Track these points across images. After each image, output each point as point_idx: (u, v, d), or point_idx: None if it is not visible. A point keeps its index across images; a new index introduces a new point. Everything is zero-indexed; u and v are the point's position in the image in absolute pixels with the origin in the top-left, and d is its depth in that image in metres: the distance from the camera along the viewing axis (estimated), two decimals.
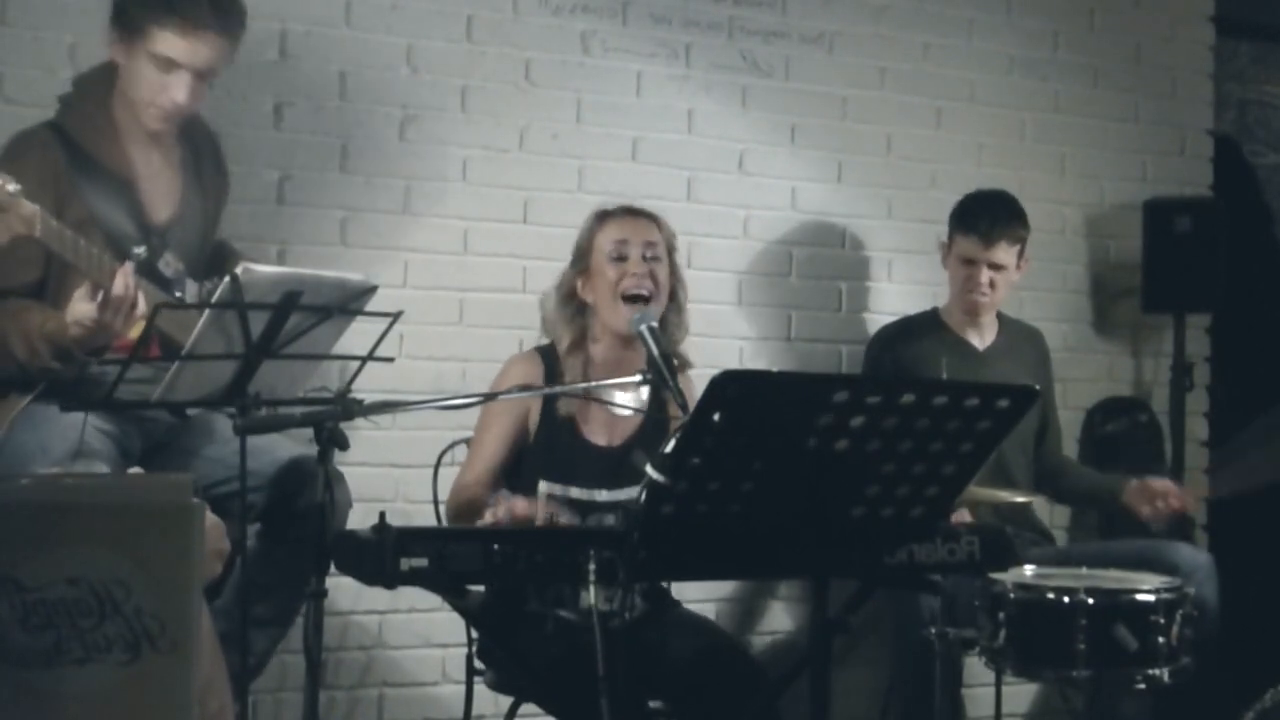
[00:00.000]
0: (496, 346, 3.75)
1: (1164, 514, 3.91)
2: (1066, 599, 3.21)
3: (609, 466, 3.23)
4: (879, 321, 4.39)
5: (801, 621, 4.33)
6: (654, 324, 3.06)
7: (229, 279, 2.68)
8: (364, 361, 2.92)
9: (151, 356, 2.87)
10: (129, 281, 2.83)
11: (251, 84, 3.79)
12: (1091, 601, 3.20)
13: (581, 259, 3.33)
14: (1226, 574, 3.77)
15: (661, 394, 3.28)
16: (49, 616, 1.74)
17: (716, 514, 2.48)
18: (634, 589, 2.66)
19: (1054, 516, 4.54)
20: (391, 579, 2.45)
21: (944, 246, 4.15)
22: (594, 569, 2.48)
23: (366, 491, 3.50)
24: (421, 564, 2.44)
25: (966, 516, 3.51)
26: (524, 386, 3.21)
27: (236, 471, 2.72)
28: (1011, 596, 3.26)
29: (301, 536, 2.95)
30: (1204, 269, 4.60)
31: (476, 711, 3.41)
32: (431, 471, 3.43)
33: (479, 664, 3.31)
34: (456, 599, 2.81)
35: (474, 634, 3.28)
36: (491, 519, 2.91)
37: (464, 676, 3.33)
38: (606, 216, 3.35)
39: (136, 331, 2.88)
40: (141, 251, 3.03)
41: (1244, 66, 5.40)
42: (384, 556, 2.43)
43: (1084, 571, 3.48)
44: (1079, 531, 4.69)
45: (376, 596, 3.61)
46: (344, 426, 2.64)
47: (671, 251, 3.37)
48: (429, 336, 3.91)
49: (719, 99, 4.32)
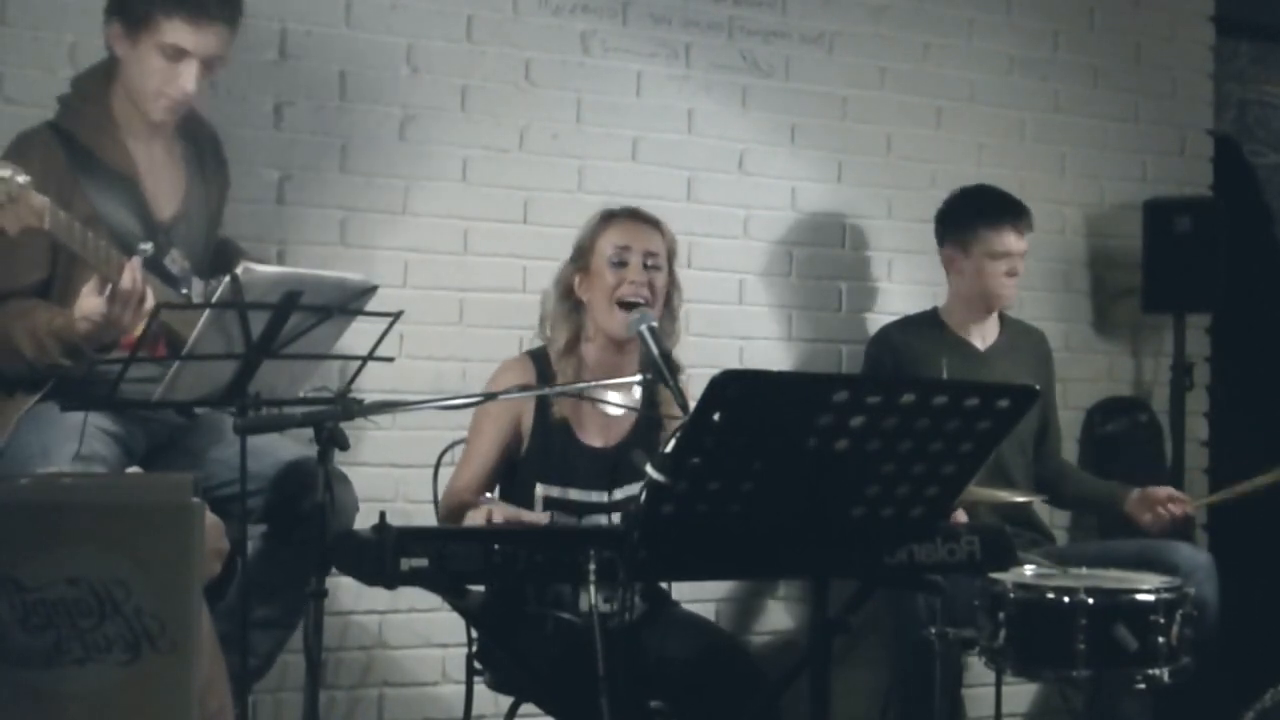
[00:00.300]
0: (496, 346, 3.75)
1: (1166, 521, 3.92)
2: (1066, 599, 3.21)
3: (604, 468, 3.23)
4: (879, 321, 4.39)
5: (801, 621, 4.33)
6: (654, 324, 3.07)
7: (229, 279, 2.69)
8: (364, 361, 2.92)
9: (159, 355, 2.88)
10: (137, 276, 2.83)
11: (251, 84, 3.79)
12: (1091, 601, 3.20)
13: (581, 257, 3.32)
14: (1226, 574, 3.77)
15: (655, 394, 3.29)
16: (49, 616, 1.74)
17: (716, 514, 2.48)
18: (634, 589, 2.66)
19: (1054, 516, 4.54)
20: (391, 579, 2.45)
21: (953, 248, 4.11)
22: (594, 569, 2.48)
23: (366, 491, 3.49)
24: (421, 564, 2.44)
25: (962, 516, 3.51)
26: (524, 386, 3.21)
27: (238, 472, 2.72)
28: (1011, 596, 3.25)
29: (306, 538, 2.94)
30: (1204, 269, 4.60)
31: (476, 711, 3.41)
32: (431, 471, 3.43)
33: (479, 664, 3.31)
34: (456, 599, 2.81)
35: (474, 634, 3.28)
36: (483, 519, 2.90)
37: (464, 676, 3.33)
38: (611, 219, 3.34)
39: (141, 330, 2.88)
40: (148, 248, 3.03)
41: (1244, 66, 5.39)
42: (384, 556, 2.43)
43: (1084, 571, 3.48)
44: (1079, 531, 4.69)
45: (376, 596, 3.61)
46: (344, 426, 2.64)
47: (671, 258, 3.37)
48: (429, 336, 3.91)
49: (719, 99, 4.32)
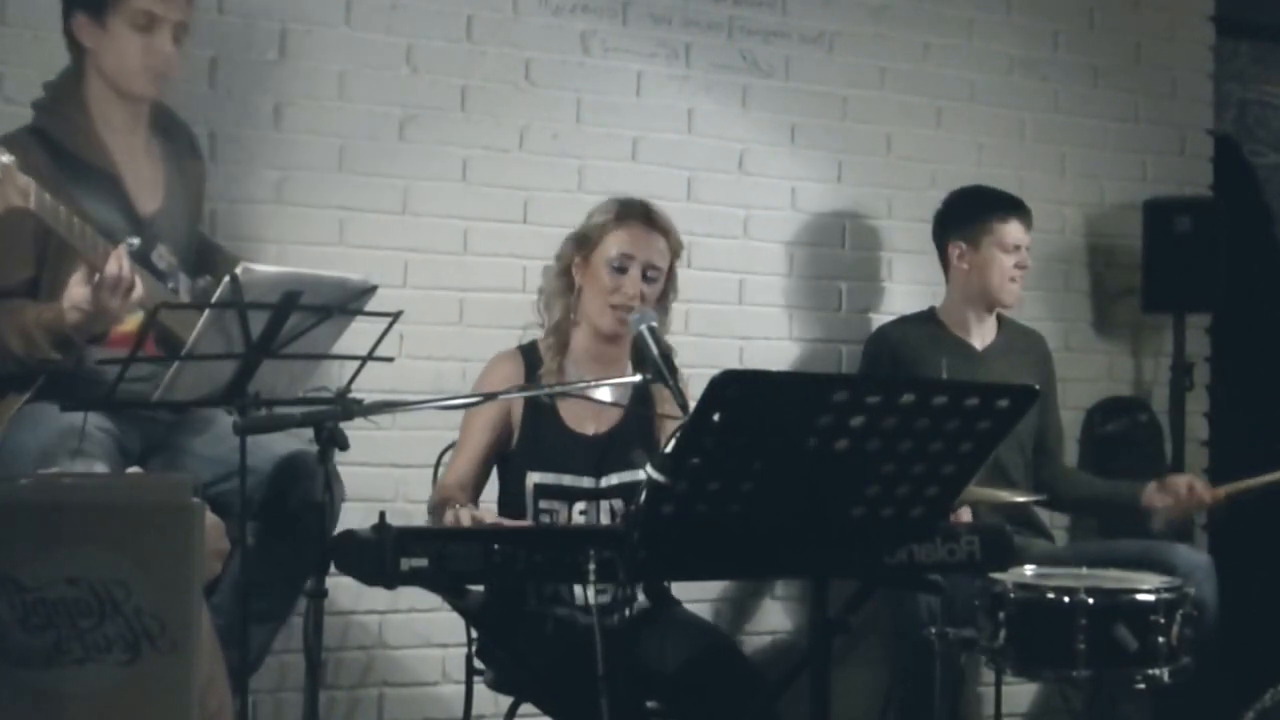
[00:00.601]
0: (496, 346, 3.73)
1: (1187, 505, 3.90)
2: (1066, 599, 3.21)
3: (595, 454, 3.24)
4: (879, 321, 4.39)
5: (801, 621, 4.33)
6: (654, 324, 3.06)
7: (229, 279, 2.69)
8: (364, 361, 2.92)
9: (149, 353, 2.88)
10: (124, 262, 2.83)
11: (251, 84, 3.79)
12: (1091, 601, 3.20)
13: (585, 245, 3.32)
14: (1226, 574, 3.77)
15: (648, 391, 3.29)
16: (49, 616, 1.74)
17: (716, 514, 2.48)
18: (634, 587, 2.66)
19: (1054, 517, 4.53)
20: (391, 579, 2.45)
21: (960, 246, 4.11)
22: (594, 569, 2.48)
23: (366, 491, 3.50)
24: (421, 564, 2.44)
25: (966, 516, 3.52)
26: (523, 386, 3.22)
27: (232, 469, 2.72)
28: (1011, 596, 3.26)
29: (297, 531, 2.95)
30: (1204, 269, 4.60)
31: (476, 711, 3.41)
32: (431, 471, 3.44)
33: (479, 664, 3.31)
34: (456, 599, 2.81)
35: (474, 634, 3.28)
36: (451, 521, 2.90)
37: (464, 676, 3.33)
38: (624, 219, 3.31)
39: (133, 324, 2.87)
40: (136, 243, 3.03)
41: (1244, 66, 5.39)
42: (384, 556, 2.43)
43: (1084, 571, 3.48)
44: (1079, 531, 4.69)
45: (376, 596, 3.61)
46: (344, 426, 2.64)
47: (673, 263, 3.36)
48: (429, 336, 3.91)
49: (719, 99, 4.32)
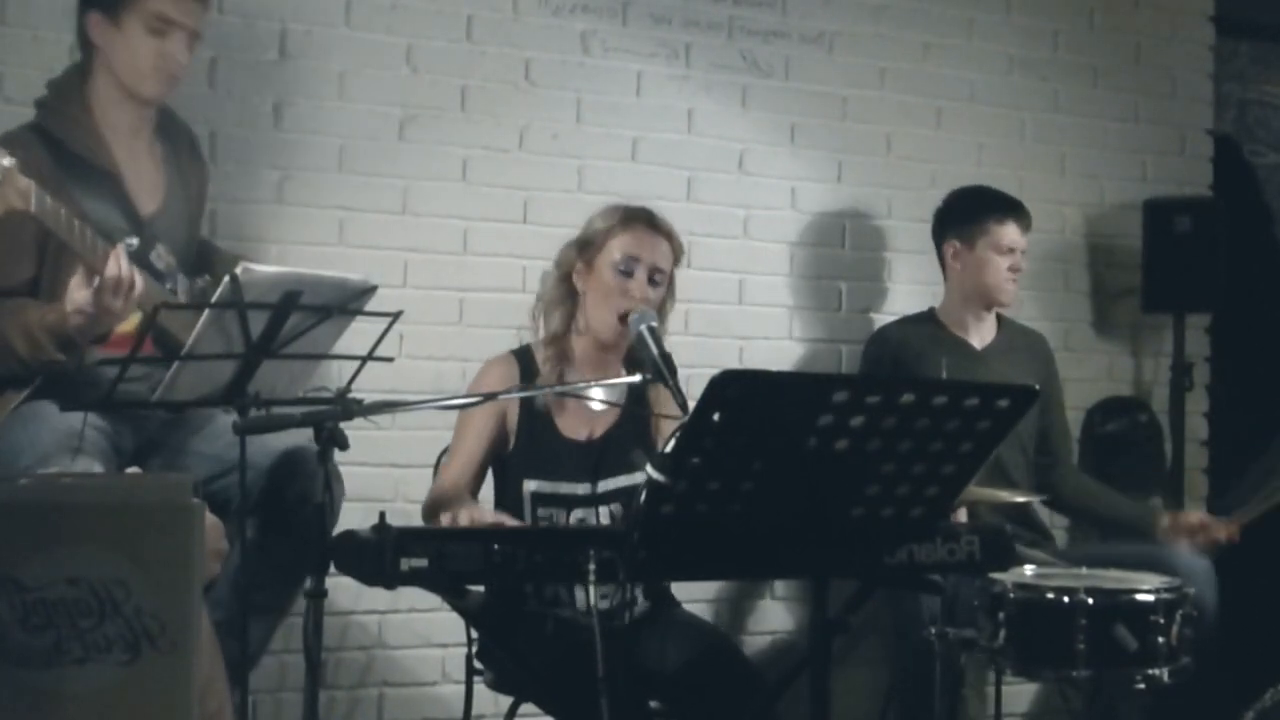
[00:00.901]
0: (496, 346, 3.73)
1: (1205, 545, 3.92)
2: (1066, 599, 3.21)
3: (590, 460, 3.23)
4: (879, 321, 4.39)
5: (801, 621, 4.32)
6: (654, 324, 3.06)
7: (229, 279, 2.69)
8: (364, 361, 2.92)
9: (147, 352, 2.88)
10: (123, 262, 2.83)
11: (251, 84, 3.79)
12: (1091, 601, 3.20)
13: (587, 250, 3.30)
14: (1226, 575, 3.77)
15: (645, 392, 3.28)
16: (49, 616, 1.74)
17: (716, 514, 2.48)
18: (634, 593, 2.66)
19: (1054, 516, 4.53)
20: (391, 579, 2.45)
21: (956, 246, 4.12)
22: (594, 569, 2.48)
23: (366, 491, 3.50)
24: (421, 564, 2.44)
25: (962, 516, 3.51)
26: (522, 387, 3.21)
27: (228, 466, 2.73)
28: (1011, 596, 3.25)
29: (293, 526, 2.95)
30: (1204, 269, 4.60)
31: (476, 711, 3.41)
32: (431, 471, 3.43)
33: (479, 664, 3.31)
34: (456, 599, 2.81)
35: (474, 634, 3.28)
36: (449, 521, 2.90)
37: (464, 676, 3.33)
38: (629, 223, 3.29)
39: (131, 325, 2.88)
40: (134, 243, 3.03)
41: (1244, 66, 5.39)
42: (384, 556, 2.43)
43: (1084, 571, 3.48)
44: (1079, 532, 4.69)
45: (376, 596, 3.61)
46: (344, 426, 2.64)
47: (674, 267, 3.35)
48: (429, 336, 3.91)
49: (719, 99, 4.32)
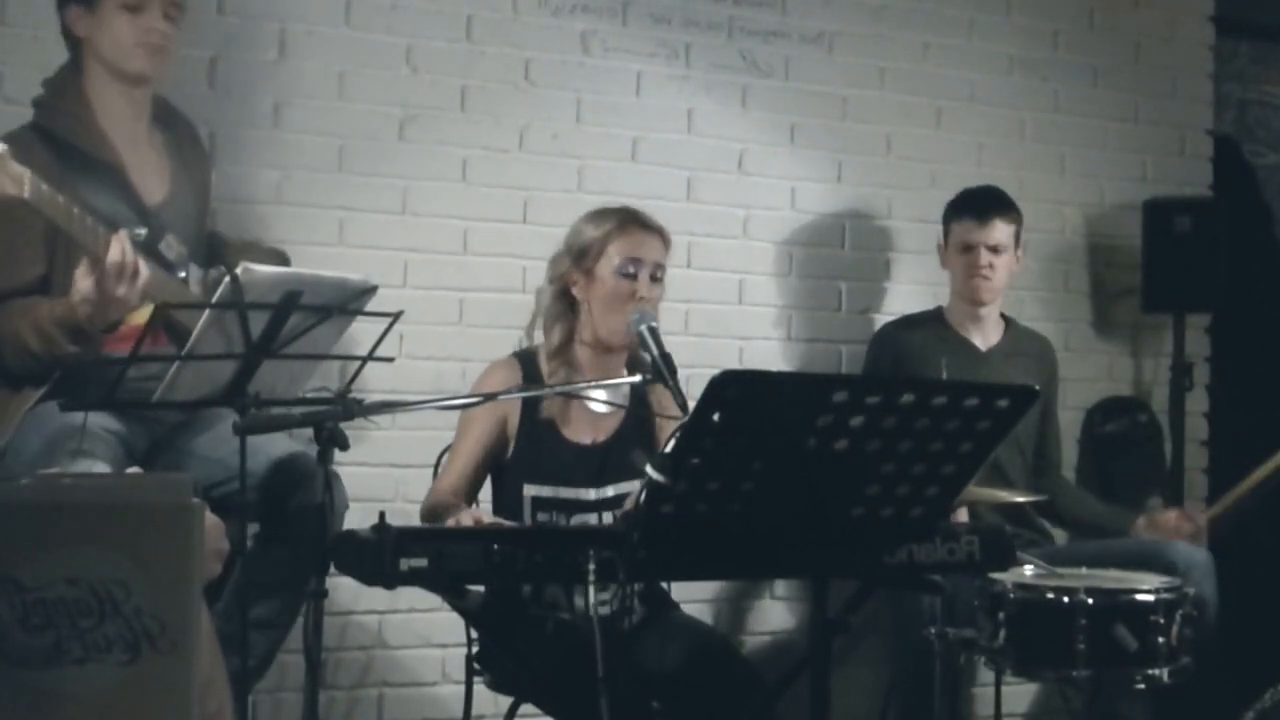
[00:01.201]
0: (496, 346, 3.74)
1: (1176, 537, 3.92)
2: (1066, 599, 3.21)
3: (593, 465, 3.23)
4: (879, 321, 4.39)
5: (801, 621, 4.32)
6: (654, 324, 3.06)
7: (229, 279, 2.69)
8: (364, 361, 2.92)
9: (161, 345, 2.88)
10: (125, 246, 2.83)
11: (251, 84, 3.79)
12: (1091, 601, 3.20)
13: (584, 259, 3.28)
14: (1226, 574, 3.77)
15: (646, 392, 3.28)
16: (49, 616, 1.74)
17: (716, 514, 2.48)
18: (634, 593, 2.65)
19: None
20: (391, 579, 2.45)
21: (941, 248, 4.18)
22: (593, 569, 2.48)
23: (366, 491, 3.50)
24: (421, 564, 2.45)
25: (962, 516, 3.52)
26: (523, 387, 3.21)
27: (234, 472, 2.72)
28: (1011, 596, 3.26)
29: (298, 536, 2.95)
30: (1204, 269, 4.60)
31: (476, 711, 3.41)
32: (431, 471, 3.43)
33: (478, 664, 3.31)
34: (456, 599, 2.81)
35: (474, 634, 3.28)
36: (450, 522, 2.91)
37: (464, 676, 3.33)
38: (622, 226, 3.28)
39: (145, 316, 2.88)
40: (142, 233, 3.03)
41: (1244, 66, 5.39)
42: (384, 556, 2.44)
43: (1084, 571, 3.48)
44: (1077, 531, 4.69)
45: (376, 596, 3.61)
46: (344, 426, 2.64)
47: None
48: (429, 336, 3.91)
49: (719, 99, 4.32)
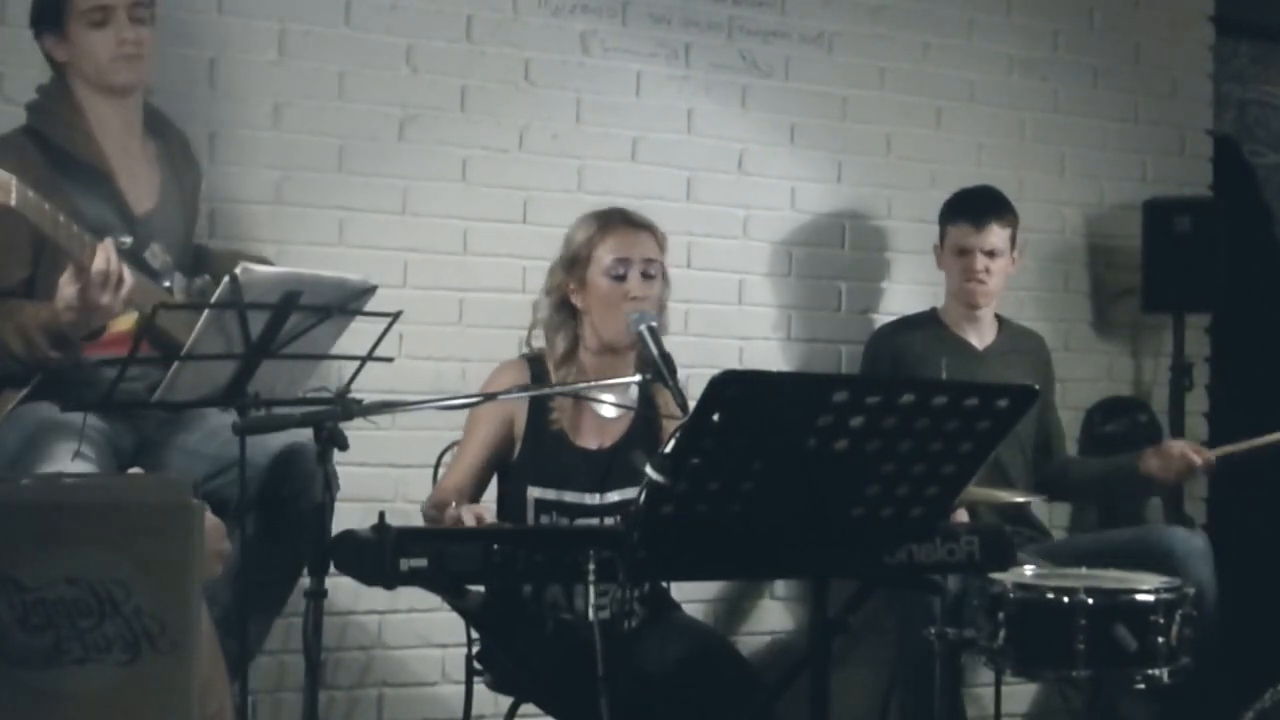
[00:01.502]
0: (496, 346, 3.74)
1: (1181, 467, 3.91)
2: (1066, 599, 3.21)
3: (598, 470, 3.23)
4: (879, 321, 4.40)
5: (801, 621, 4.32)
6: (654, 323, 3.06)
7: (229, 279, 2.69)
8: (364, 361, 2.92)
9: (144, 352, 2.88)
10: (110, 256, 2.83)
11: (251, 84, 3.79)
12: (1091, 601, 3.20)
13: (576, 267, 3.27)
14: (1226, 568, 3.78)
15: (651, 394, 3.28)
16: (49, 616, 1.74)
17: (716, 514, 2.48)
18: (634, 595, 2.65)
19: (1053, 516, 4.54)
20: (391, 579, 2.45)
21: (937, 249, 4.18)
22: (593, 569, 2.48)
23: (366, 491, 3.50)
24: (421, 564, 2.45)
25: (962, 516, 3.52)
26: (523, 387, 3.21)
27: (225, 465, 2.73)
28: (1011, 596, 3.26)
29: (289, 524, 2.96)
30: (1204, 269, 4.60)
31: (476, 711, 3.41)
32: (431, 471, 3.44)
33: (478, 664, 3.31)
34: (456, 599, 2.81)
35: (474, 636, 3.28)
36: (450, 521, 2.90)
37: (464, 676, 3.33)
38: (607, 227, 3.28)
39: (128, 324, 2.88)
40: (128, 241, 3.04)
41: (1244, 66, 5.39)
42: (383, 556, 2.44)
43: (1083, 571, 3.48)
44: (1077, 530, 4.69)
45: (376, 596, 3.61)
46: (343, 426, 2.64)
47: (663, 254, 3.34)
48: (428, 336, 3.91)
49: (719, 99, 4.32)
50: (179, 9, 3.60)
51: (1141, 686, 3.27)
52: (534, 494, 3.21)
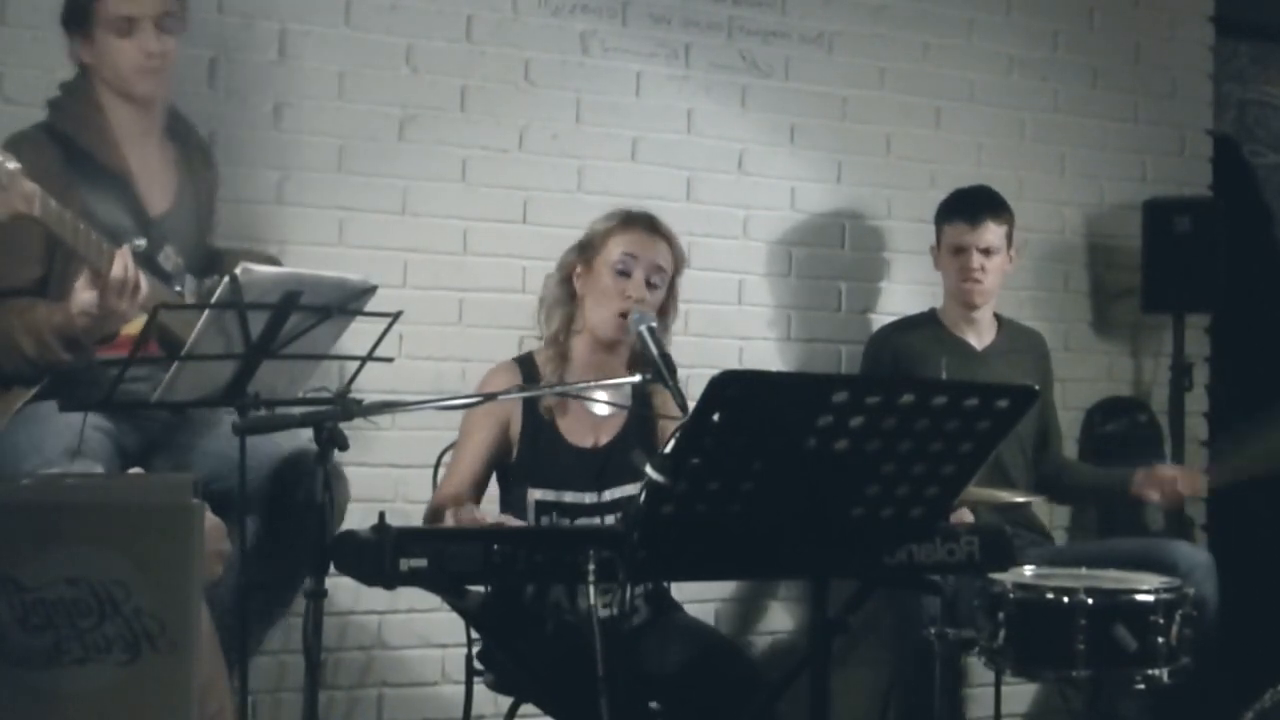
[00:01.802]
0: (496, 346, 3.74)
1: (1172, 497, 3.94)
2: (1066, 599, 3.21)
3: (594, 468, 3.23)
4: (879, 321, 4.40)
5: (801, 621, 4.32)
6: (653, 324, 3.05)
7: (229, 279, 2.69)
8: (364, 361, 2.92)
9: (151, 352, 2.88)
10: (128, 263, 2.84)
11: (251, 84, 3.79)
12: (1091, 601, 3.20)
13: (587, 250, 3.30)
14: (1226, 573, 3.77)
15: (645, 392, 3.28)
16: (49, 616, 1.74)
17: (716, 514, 2.48)
18: (636, 595, 2.65)
19: (1054, 516, 4.54)
20: (391, 579, 2.45)
21: (934, 250, 4.18)
22: (594, 569, 2.48)
23: (366, 491, 3.50)
24: (421, 564, 2.44)
25: (967, 516, 3.52)
26: (522, 387, 3.21)
27: (233, 465, 2.72)
28: (1011, 596, 3.26)
29: (295, 531, 2.95)
30: (1204, 269, 4.60)
31: (476, 711, 3.41)
32: (431, 471, 3.43)
33: (479, 664, 3.31)
34: (456, 599, 2.81)
35: (474, 636, 3.28)
36: (452, 521, 2.91)
37: (464, 676, 3.33)
38: (628, 225, 3.29)
39: (136, 327, 2.88)
40: (141, 244, 3.04)
41: (1244, 66, 5.39)
42: (383, 557, 2.43)
43: (1084, 571, 3.48)
44: (1079, 531, 4.70)
45: (376, 596, 3.61)
46: (343, 427, 2.64)
47: (676, 274, 3.34)
48: (428, 336, 3.91)
49: (719, 99, 4.32)
50: None
51: (1141, 686, 3.27)
52: (535, 496, 3.21)
